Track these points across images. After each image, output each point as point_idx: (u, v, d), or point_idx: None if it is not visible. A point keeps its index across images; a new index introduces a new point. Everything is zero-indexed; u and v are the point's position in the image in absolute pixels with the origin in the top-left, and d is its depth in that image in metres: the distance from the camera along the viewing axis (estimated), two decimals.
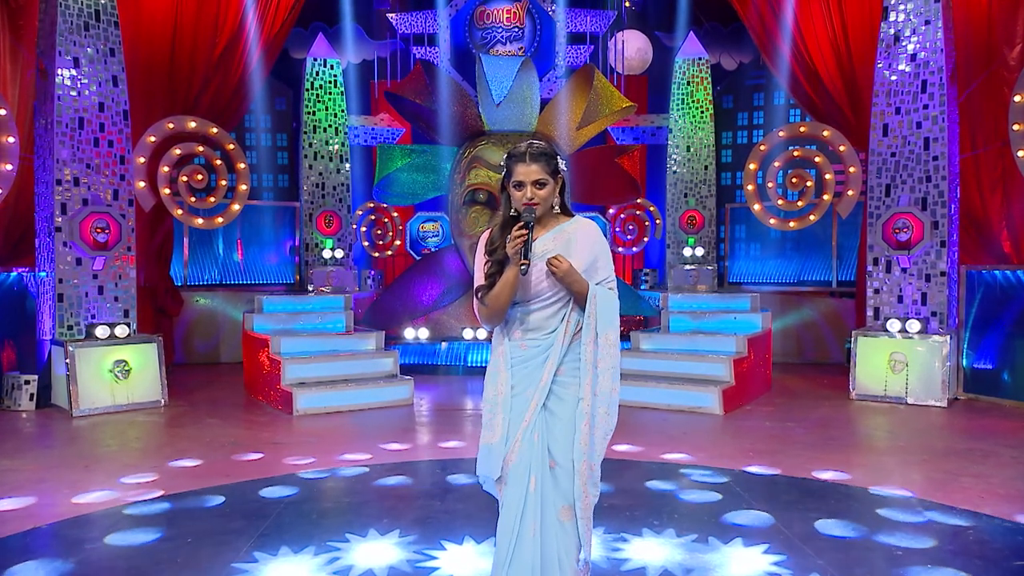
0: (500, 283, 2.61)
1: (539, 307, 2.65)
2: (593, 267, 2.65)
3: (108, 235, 7.28)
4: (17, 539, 3.99)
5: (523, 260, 2.52)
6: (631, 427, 6.43)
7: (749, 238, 10.99)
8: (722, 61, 11.47)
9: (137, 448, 5.95)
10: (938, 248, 7.42)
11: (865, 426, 6.65)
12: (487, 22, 10.29)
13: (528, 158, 2.60)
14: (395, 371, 7.70)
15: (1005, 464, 5.29)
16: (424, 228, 10.59)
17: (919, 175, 7.51)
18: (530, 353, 2.64)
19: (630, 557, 3.71)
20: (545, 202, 2.63)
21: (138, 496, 4.65)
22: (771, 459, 5.42)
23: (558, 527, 2.55)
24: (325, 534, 4.01)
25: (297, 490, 4.78)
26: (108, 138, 7.41)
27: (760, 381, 7.78)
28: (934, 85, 7.42)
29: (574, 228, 2.69)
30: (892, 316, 7.46)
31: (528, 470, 2.56)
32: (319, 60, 10.28)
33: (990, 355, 7.38)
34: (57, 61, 7.12)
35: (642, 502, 4.53)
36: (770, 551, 3.77)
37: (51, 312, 7.20)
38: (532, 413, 2.59)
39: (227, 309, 10.07)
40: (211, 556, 3.74)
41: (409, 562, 3.66)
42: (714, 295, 8.68)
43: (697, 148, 10.50)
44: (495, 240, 2.68)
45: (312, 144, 10.28)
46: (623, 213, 10.64)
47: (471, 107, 9.22)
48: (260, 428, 6.49)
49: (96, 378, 7.01)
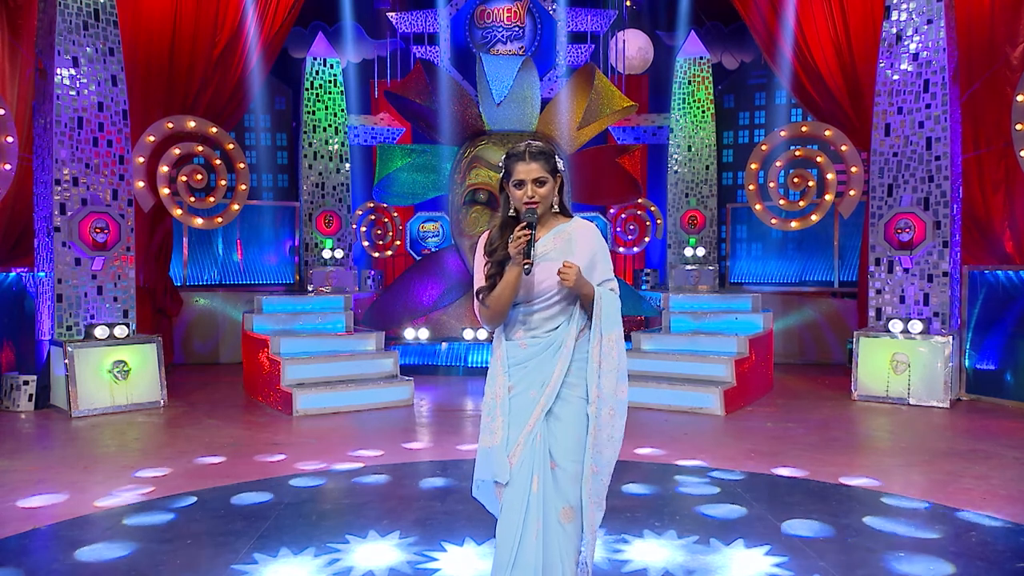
0: (501, 284, 2.60)
1: (541, 307, 2.64)
2: (592, 267, 2.64)
3: (107, 235, 7.26)
4: (15, 541, 3.97)
5: (526, 260, 2.51)
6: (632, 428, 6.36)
7: (750, 238, 10.96)
8: (723, 60, 11.46)
9: (136, 449, 5.93)
10: (940, 248, 7.40)
11: (867, 427, 6.63)
12: (487, 21, 10.27)
13: (528, 157, 2.59)
14: (395, 372, 7.68)
15: (1007, 465, 5.27)
16: (424, 228, 10.57)
17: (921, 175, 7.48)
18: (531, 352, 2.62)
19: (631, 558, 3.69)
20: (545, 201, 2.62)
21: (137, 497, 4.63)
22: (773, 460, 5.39)
23: (559, 529, 2.53)
24: (325, 535, 3.99)
25: (296, 491, 4.75)
26: (107, 138, 7.40)
27: (761, 382, 7.76)
28: (936, 85, 7.40)
29: (573, 228, 2.68)
30: (894, 316, 7.44)
31: (531, 471, 2.54)
32: (319, 59, 10.26)
33: (992, 356, 7.35)
34: (56, 60, 7.10)
35: (643, 503, 4.51)
36: (772, 552, 3.75)
37: (50, 312, 7.18)
38: (536, 417, 2.57)
39: (227, 309, 10.05)
40: (210, 557, 3.72)
41: (409, 563, 3.65)
42: (715, 295, 8.67)
43: (698, 148, 10.48)
44: (495, 241, 2.67)
45: (312, 144, 10.26)
46: (624, 213, 10.62)
47: (471, 107, 9.20)
48: (260, 429, 6.47)
49: (95, 379, 6.99)
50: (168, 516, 4.31)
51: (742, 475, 5.06)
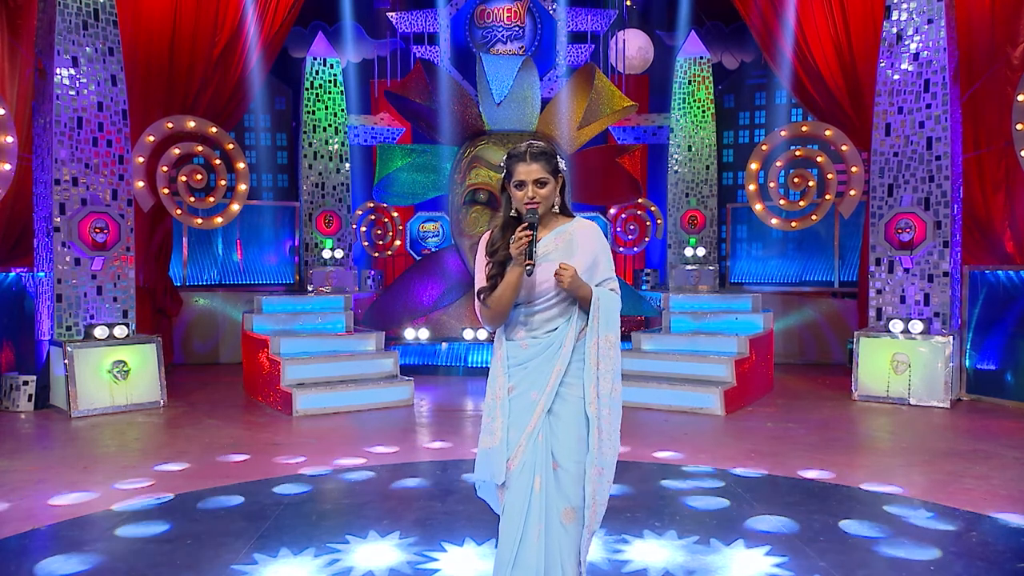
0: (503, 285, 2.59)
1: (543, 307, 2.63)
2: (594, 267, 2.64)
3: (107, 235, 7.25)
4: (15, 540, 3.97)
5: (528, 261, 2.50)
6: (632, 428, 6.41)
7: (751, 238, 10.96)
8: (723, 60, 11.45)
9: (136, 449, 5.92)
10: (941, 248, 7.39)
11: (867, 427, 6.62)
12: (487, 21, 10.26)
13: (529, 157, 2.59)
14: (395, 372, 7.67)
15: (1008, 465, 5.26)
16: (424, 228, 10.57)
17: (922, 175, 7.48)
18: (532, 352, 2.62)
19: (631, 559, 3.69)
20: (546, 201, 2.62)
21: (137, 497, 4.62)
22: (773, 460, 5.39)
23: (561, 530, 2.53)
24: (325, 536, 3.99)
25: (296, 491, 4.75)
26: (107, 138, 7.39)
27: (762, 382, 7.75)
28: (937, 84, 7.39)
29: (575, 228, 2.68)
30: (894, 317, 7.43)
31: (532, 472, 2.54)
32: (319, 59, 10.25)
33: (993, 356, 7.35)
34: (56, 60, 7.09)
35: (643, 503, 4.50)
36: (772, 553, 3.74)
37: (50, 313, 7.17)
38: (537, 418, 2.57)
39: (226, 309, 10.04)
40: (210, 558, 3.71)
41: (409, 564, 3.64)
42: (715, 295, 8.66)
43: (698, 148, 10.47)
44: (496, 241, 2.67)
45: (312, 144, 10.25)
46: (624, 213, 10.61)
47: (471, 106, 9.19)
48: (259, 429, 6.46)
49: (95, 379, 6.99)
50: (168, 516, 4.30)
51: (742, 475, 5.05)
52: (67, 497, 4.64)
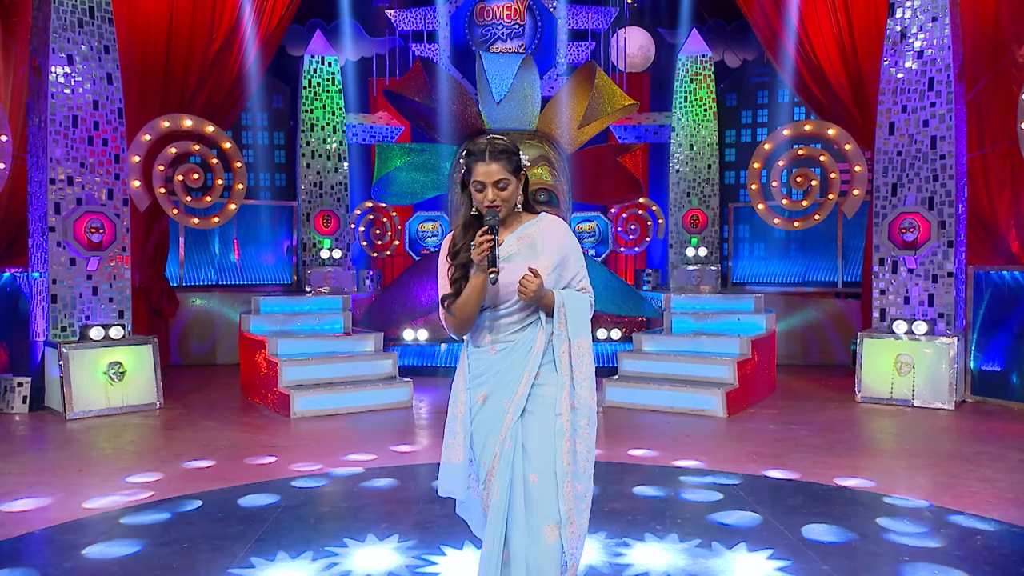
0: (467, 291, 2.50)
1: (509, 311, 2.55)
2: (564, 266, 2.56)
3: (102, 235, 7.19)
4: (8, 544, 3.92)
5: (491, 268, 2.41)
6: (633, 429, 6.36)
7: (753, 238, 10.90)
8: (725, 58, 11.38)
9: (132, 451, 5.86)
10: (945, 248, 7.33)
11: (871, 429, 6.57)
12: (487, 19, 10.20)
13: (488, 156, 2.48)
14: (394, 373, 7.61)
15: (1013, 468, 5.20)
16: (423, 228, 10.49)
17: (926, 174, 7.42)
18: (500, 356, 2.55)
19: (632, 562, 3.64)
20: (508, 203, 2.52)
21: (133, 500, 4.57)
22: (775, 462, 5.33)
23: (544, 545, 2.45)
24: (323, 539, 3.94)
25: (294, 494, 4.69)
26: (102, 136, 7.32)
27: (764, 383, 7.70)
28: (941, 83, 7.32)
29: (539, 228, 2.58)
30: (898, 317, 7.37)
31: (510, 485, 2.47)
32: (317, 57, 10.19)
33: (998, 357, 7.28)
34: (51, 58, 7.02)
35: (644, 506, 4.45)
36: (774, 556, 3.70)
37: (44, 313, 7.11)
38: (507, 427, 2.50)
39: (223, 310, 9.98)
40: (207, 561, 3.67)
41: (408, 567, 3.60)
42: (717, 296, 8.61)
43: (700, 147, 10.40)
44: (458, 242, 2.57)
45: (310, 143, 10.19)
46: (625, 213, 10.55)
47: (471, 105, 9.12)
48: (257, 431, 6.40)
49: (90, 380, 6.92)
50: (164, 519, 4.25)
51: (744, 478, 5.00)
52: (61, 500, 4.58)
